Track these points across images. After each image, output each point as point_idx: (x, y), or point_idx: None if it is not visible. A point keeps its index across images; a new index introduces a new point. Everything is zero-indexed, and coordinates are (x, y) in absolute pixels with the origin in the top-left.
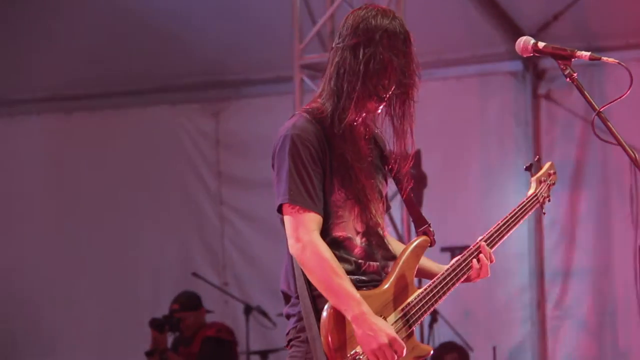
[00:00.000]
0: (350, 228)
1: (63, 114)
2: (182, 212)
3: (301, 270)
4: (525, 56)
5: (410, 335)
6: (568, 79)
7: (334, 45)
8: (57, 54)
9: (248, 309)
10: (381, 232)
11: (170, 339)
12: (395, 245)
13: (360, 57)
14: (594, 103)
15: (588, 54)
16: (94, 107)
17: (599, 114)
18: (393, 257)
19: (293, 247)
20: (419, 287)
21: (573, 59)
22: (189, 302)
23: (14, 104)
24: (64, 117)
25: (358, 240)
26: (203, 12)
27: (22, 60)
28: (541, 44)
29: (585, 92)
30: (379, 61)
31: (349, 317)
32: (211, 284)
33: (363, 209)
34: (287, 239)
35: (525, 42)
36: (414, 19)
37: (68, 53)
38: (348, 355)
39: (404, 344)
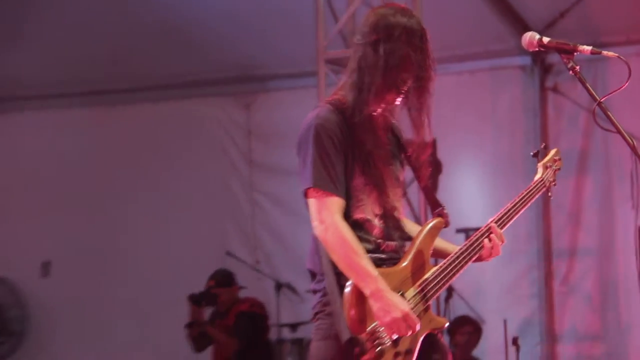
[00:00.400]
0: (369, 211)
1: (106, 106)
2: (216, 197)
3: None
4: (531, 50)
5: (427, 309)
6: (571, 72)
7: (355, 41)
8: (102, 49)
9: (278, 286)
10: (397, 215)
11: (207, 313)
12: (412, 227)
13: (381, 52)
14: (595, 94)
15: (590, 48)
16: (135, 100)
17: (599, 104)
18: (409, 238)
19: (317, 229)
20: (435, 265)
21: (575, 53)
22: (224, 279)
23: (61, 97)
24: (107, 110)
25: (376, 222)
26: (235, 14)
27: (67, 54)
28: (546, 39)
29: (587, 84)
30: (398, 56)
31: (366, 293)
32: (244, 263)
33: (381, 194)
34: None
35: (530, 37)
36: (429, 17)
37: (114, 48)
38: (368, 328)
39: (416, 319)
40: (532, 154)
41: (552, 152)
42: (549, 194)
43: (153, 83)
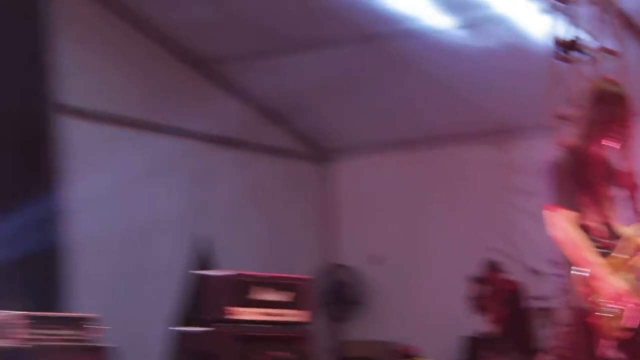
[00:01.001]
0: (591, 219)
1: (412, 152)
2: (486, 212)
3: None
4: None
5: (635, 287)
6: None
7: (581, 103)
8: (402, 111)
9: (531, 271)
10: (611, 222)
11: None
12: (623, 229)
13: (598, 111)
14: None
15: None
16: (431, 147)
17: None
18: (620, 237)
19: (554, 232)
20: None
21: None
22: (493, 266)
23: (382, 146)
24: (414, 154)
25: (596, 226)
26: (493, 83)
27: (383, 115)
28: None
29: None
30: (609, 113)
31: (591, 275)
32: (507, 256)
33: (598, 207)
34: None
35: None
36: (631, 83)
37: (410, 111)
38: (593, 300)
39: (630, 293)
40: None
41: None
42: None
43: (443, 133)
